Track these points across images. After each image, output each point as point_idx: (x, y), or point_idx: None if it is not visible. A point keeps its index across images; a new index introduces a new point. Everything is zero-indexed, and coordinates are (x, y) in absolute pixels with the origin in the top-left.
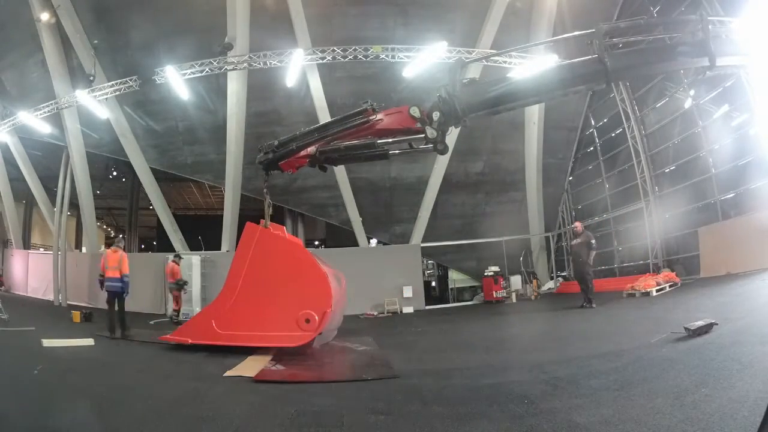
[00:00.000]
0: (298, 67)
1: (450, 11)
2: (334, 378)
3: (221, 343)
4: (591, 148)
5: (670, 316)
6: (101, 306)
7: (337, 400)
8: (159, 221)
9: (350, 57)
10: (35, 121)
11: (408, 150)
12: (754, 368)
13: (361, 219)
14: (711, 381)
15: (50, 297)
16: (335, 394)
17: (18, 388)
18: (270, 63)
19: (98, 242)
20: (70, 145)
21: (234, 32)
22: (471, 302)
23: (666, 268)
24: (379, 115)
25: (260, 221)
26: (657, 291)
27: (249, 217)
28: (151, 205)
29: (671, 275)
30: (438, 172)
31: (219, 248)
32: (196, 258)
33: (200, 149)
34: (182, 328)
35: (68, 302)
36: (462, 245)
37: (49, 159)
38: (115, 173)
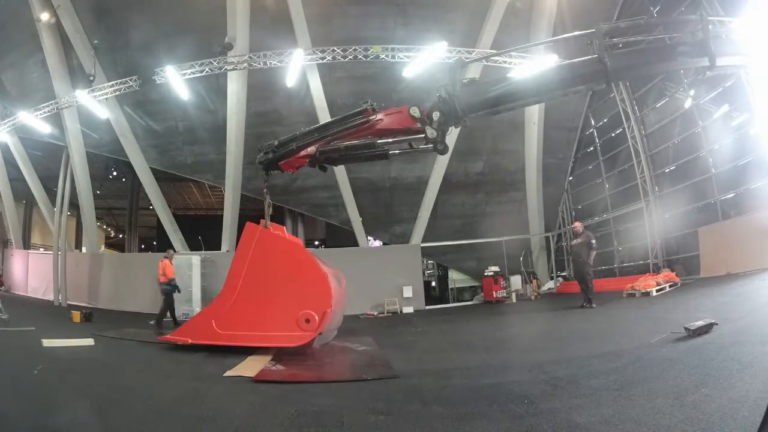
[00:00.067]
0: (298, 67)
1: (450, 11)
2: (334, 378)
3: (221, 343)
4: (591, 148)
5: (670, 316)
6: (101, 306)
7: (337, 400)
8: (159, 221)
9: (350, 57)
10: (35, 121)
11: (408, 150)
12: (754, 368)
13: (361, 219)
14: (711, 381)
15: (50, 297)
16: (335, 394)
17: (18, 388)
18: (270, 63)
19: (98, 242)
20: (70, 145)
21: (234, 32)
22: (471, 302)
23: (666, 268)
24: (379, 115)
25: (260, 221)
26: (657, 291)
27: (249, 217)
28: (151, 205)
29: (671, 275)
30: (438, 172)
31: (219, 248)
32: (196, 258)
33: (200, 149)
34: (182, 328)
35: (68, 302)
36: (462, 245)
37: (49, 159)
38: (115, 173)
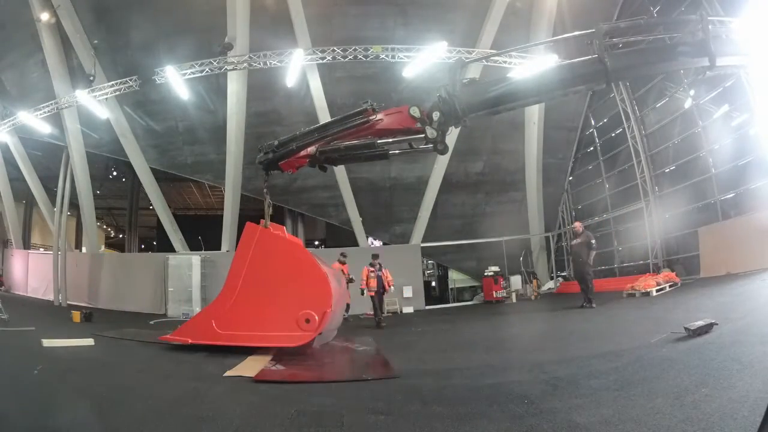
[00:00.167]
0: (298, 67)
1: (450, 11)
2: (334, 378)
3: (221, 343)
4: (591, 148)
5: (670, 316)
6: (101, 306)
7: (337, 400)
8: (159, 221)
9: (350, 57)
10: (35, 121)
11: (408, 150)
12: (754, 368)
13: (361, 219)
14: (711, 381)
15: (50, 297)
16: (335, 394)
17: (18, 388)
18: (270, 63)
19: (98, 242)
20: (70, 145)
21: (234, 32)
22: (471, 302)
23: (666, 268)
24: (379, 115)
25: (260, 221)
26: (657, 291)
27: (249, 217)
28: (151, 205)
29: (671, 275)
30: (438, 172)
31: (219, 248)
32: (196, 258)
33: (200, 149)
34: (182, 328)
35: (68, 302)
36: (462, 245)
37: (49, 159)
38: (115, 173)
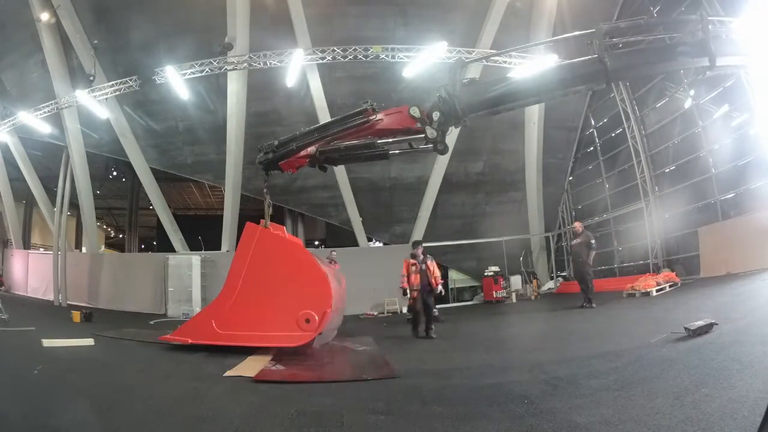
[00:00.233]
0: (298, 67)
1: (450, 11)
2: (334, 378)
3: (221, 343)
4: (591, 148)
5: (670, 316)
6: (101, 306)
7: (337, 400)
8: (159, 221)
9: (350, 57)
10: (35, 121)
11: (408, 150)
12: (754, 368)
13: (361, 219)
14: (711, 381)
15: (50, 297)
16: (335, 394)
17: (18, 388)
18: (270, 63)
19: (98, 242)
20: (70, 145)
21: (234, 32)
22: (471, 302)
23: (666, 268)
24: (379, 115)
25: (260, 221)
26: (657, 291)
27: (249, 217)
28: (151, 205)
29: (671, 275)
30: (438, 172)
31: (219, 248)
32: (196, 258)
33: (200, 149)
34: (182, 328)
35: (68, 302)
36: (462, 245)
37: (49, 159)
38: (115, 173)
